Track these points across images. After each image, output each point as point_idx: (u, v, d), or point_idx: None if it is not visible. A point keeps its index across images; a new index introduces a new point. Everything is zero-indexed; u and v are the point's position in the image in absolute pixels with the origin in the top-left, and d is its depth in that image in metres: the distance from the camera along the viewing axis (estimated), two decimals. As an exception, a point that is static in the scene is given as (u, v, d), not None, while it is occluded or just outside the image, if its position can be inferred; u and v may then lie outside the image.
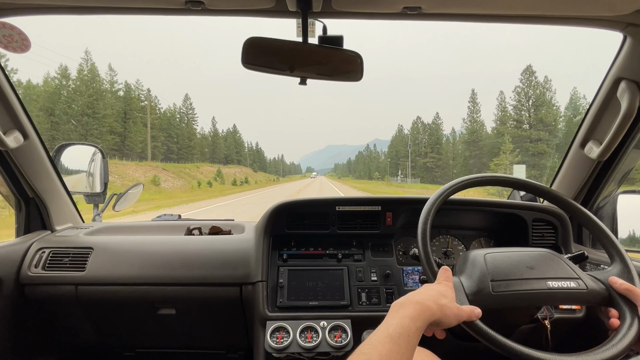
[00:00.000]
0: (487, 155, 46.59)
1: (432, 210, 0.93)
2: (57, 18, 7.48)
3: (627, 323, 0.73)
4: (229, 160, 76.45)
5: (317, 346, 1.13)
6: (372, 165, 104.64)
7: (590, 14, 1.04)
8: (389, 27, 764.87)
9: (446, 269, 0.80)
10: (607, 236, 0.89)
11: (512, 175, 1.20)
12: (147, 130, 44.69)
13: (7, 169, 1.37)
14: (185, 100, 61.69)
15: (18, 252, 1.36)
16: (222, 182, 49.05)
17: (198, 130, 68.38)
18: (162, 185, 32.78)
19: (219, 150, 73.13)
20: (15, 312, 1.33)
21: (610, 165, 1.36)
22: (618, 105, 1.18)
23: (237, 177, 60.89)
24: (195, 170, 48.61)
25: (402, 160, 72.20)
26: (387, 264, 1.37)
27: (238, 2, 1.02)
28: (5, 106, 1.25)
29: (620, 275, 0.81)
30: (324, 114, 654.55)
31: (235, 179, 56.66)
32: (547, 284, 0.80)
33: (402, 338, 0.58)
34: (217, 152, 72.26)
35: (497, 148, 40.14)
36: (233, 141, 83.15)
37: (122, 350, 1.61)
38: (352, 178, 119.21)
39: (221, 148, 74.24)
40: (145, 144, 44.56)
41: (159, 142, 49.41)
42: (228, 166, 69.90)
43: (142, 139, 44.58)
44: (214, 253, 1.36)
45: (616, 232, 1.39)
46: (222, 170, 55.35)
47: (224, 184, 49.26)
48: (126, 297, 1.31)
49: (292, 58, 1.02)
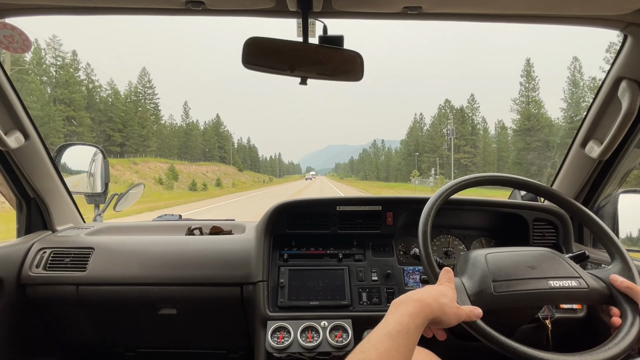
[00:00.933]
0: (557, 147, 33.94)
1: (433, 210, 0.93)
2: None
3: (628, 321, 0.73)
4: (208, 157, 64.75)
5: (317, 346, 1.13)
6: (381, 164, 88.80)
7: (590, 13, 1.04)
8: (389, 27, 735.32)
9: (448, 270, 0.80)
10: (607, 235, 0.89)
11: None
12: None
13: (8, 169, 1.38)
14: (142, 77, 47.53)
15: (19, 253, 1.36)
16: (169, 187, 35.58)
17: (166, 119, 58.48)
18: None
19: (194, 145, 60.59)
20: (16, 313, 1.33)
21: (611, 164, 1.36)
22: (619, 105, 1.17)
23: (207, 178, 47.02)
24: (128, 168, 34.95)
25: (427, 155, 58.33)
26: (388, 263, 1.37)
27: (238, 2, 1.02)
28: (6, 106, 1.25)
29: (621, 273, 0.81)
30: (324, 114, 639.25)
31: (194, 182, 40.12)
32: (548, 283, 0.80)
33: (401, 336, 0.58)
34: (192, 147, 59.99)
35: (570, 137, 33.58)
36: (215, 135, 70.02)
37: (123, 350, 1.61)
38: (356, 178, 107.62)
39: (197, 142, 61.96)
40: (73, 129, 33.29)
41: (83, 127, 37.15)
42: (199, 163, 56.21)
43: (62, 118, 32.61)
44: (215, 253, 1.36)
45: (617, 231, 1.39)
46: (184, 169, 42.85)
47: (173, 189, 35.47)
48: (127, 297, 1.31)
49: (293, 58, 1.02)
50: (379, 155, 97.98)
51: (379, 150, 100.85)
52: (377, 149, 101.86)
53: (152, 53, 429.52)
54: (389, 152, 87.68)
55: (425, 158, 59.61)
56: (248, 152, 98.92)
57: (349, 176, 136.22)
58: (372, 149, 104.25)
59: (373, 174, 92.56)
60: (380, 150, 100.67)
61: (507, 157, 45.15)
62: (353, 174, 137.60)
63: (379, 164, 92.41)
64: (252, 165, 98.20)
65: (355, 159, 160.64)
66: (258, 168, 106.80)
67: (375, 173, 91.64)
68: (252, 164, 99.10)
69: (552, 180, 1.57)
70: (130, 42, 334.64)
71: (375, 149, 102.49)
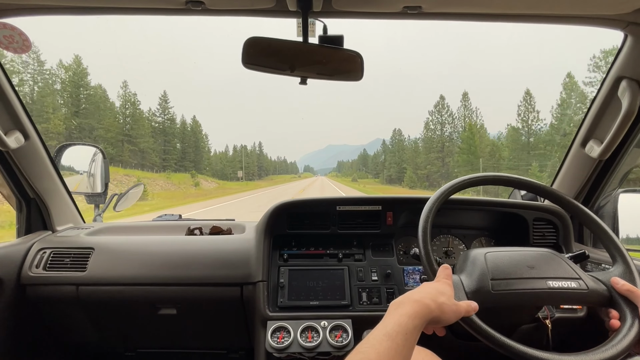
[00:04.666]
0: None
1: (433, 209, 0.93)
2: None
3: (627, 324, 0.73)
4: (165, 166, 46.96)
5: (317, 346, 1.13)
6: (408, 158, 61.15)
7: (591, 13, 1.04)
8: (389, 27, 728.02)
9: (446, 267, 0.80)
10: (608, 236, 0.89)
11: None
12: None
13: (8, 169, 1.38)
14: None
15: (19, 253, 1.36)
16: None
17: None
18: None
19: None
20: (16, 313, 1.33)
21: (611, 164, 1.36)
22: (619, 104, 1.17)
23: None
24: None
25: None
26: (388, 263, 1.37)
27: (238, 1, 1.02)
28: (6, 106, 1.25)
29: (623, 276, 0.80)
30: (324, 114, 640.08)
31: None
32: (547, 283, 0.80)
33: (399, 336, 0.58)
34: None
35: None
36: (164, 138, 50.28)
37: (123, 351, 1.61)
38: (376, 180, 77.85)
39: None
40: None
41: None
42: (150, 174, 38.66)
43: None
44: (215, 253, 1.36)
45: (617, 231, 1.39)
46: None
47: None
48: (127, 297, 1.31)
49: (293, 58, 1.02)
50: (402, 148, 67.82)
51: (401, 142, 70.63)
52: (401, 139, 71.71)
53: (151, 52, 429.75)
54: (414, 146, 61.03)
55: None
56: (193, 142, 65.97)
57: (364, 177, 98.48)
58: (396, 139, 72.90)
59: (394, 171, 66.52)
60: (399, 143, 70.70)
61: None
62: (368, 173, 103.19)
63: (405, 158, 63.35)
64: (195, 167, 58.14)
65: (365, 155, 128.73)
66: (223, 171, 73.38)
67: (397, 169, 65.79)
68: (195, 166, 58.35)
69: (552, 180, 1.57)
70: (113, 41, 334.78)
71: (399, 139, 72.04)
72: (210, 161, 68.46)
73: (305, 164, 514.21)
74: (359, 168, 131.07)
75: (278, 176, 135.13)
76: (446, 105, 55.87)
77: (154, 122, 53.01)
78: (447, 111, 55.44)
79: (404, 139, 72.74)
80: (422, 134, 58.79)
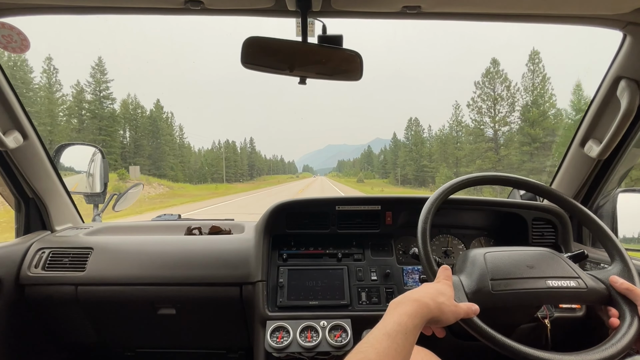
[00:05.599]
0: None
1: (432, 209, 0.93)
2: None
3: (627, 322, 0.73)
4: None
5: (317, 346, 1.13)
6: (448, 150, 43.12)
7: (590, 13, 1.04)
8: (388, 27, 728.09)
9: (446, 267, 0.80)
10: (607, 235, 0.89)
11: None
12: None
13: (7, 169, 1.37)
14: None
15: (18, 253, 1.36)
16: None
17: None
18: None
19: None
20: (15, 313, 1.33)
21: (610, 164, 1.36)
22: (618, 104, 1.18)
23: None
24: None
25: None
26: (387, 263, 1.37)
27: (237, 1, 1.02)
28: (5, 106, 1.25)
29: (621, 274, 0.81)
30: (324, 114, 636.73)
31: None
32: (546, 283, 0.80)
33: (399, 335, 0.58)
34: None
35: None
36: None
37: (122, 351, 1.61)
38: (386, 181, 63.19)
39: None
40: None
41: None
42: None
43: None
44: (214, 253, 1.36)
45: (616, 230, 1.39)
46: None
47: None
48: (126, 297, 1.31)
49: (292, 57, 1.02)
50: (421, 141, 53.40)
51: (418, 135, 54.40)
52: (418, 131, 54.76)
53: (150, 53, 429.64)
54: (447, 136, 44.91)
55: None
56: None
57: (370, 177, 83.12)
58: (411, 131, 55.31)
59: (411, 170, 52.72)
60: (416, 135, 54.53)
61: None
62: (374, 173, 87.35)
63: (424, 153, 50.58)
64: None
65: (370, 152, 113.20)
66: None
67: (413, 169, 52.23)
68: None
69: (552, 180, 1.58)
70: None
71: (416, 131, 54.85)
72: (186, 159, 54.08)
73: (304, 164, 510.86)
74: (363, 167, 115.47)
75: (272, 176, 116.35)
76: (501, 72, 35.63)
77: (84, 102, 38.12)
78: (503, 79, 35.20)
79: (421, 130, 54.71)
80: (450, 122, 42.53)
